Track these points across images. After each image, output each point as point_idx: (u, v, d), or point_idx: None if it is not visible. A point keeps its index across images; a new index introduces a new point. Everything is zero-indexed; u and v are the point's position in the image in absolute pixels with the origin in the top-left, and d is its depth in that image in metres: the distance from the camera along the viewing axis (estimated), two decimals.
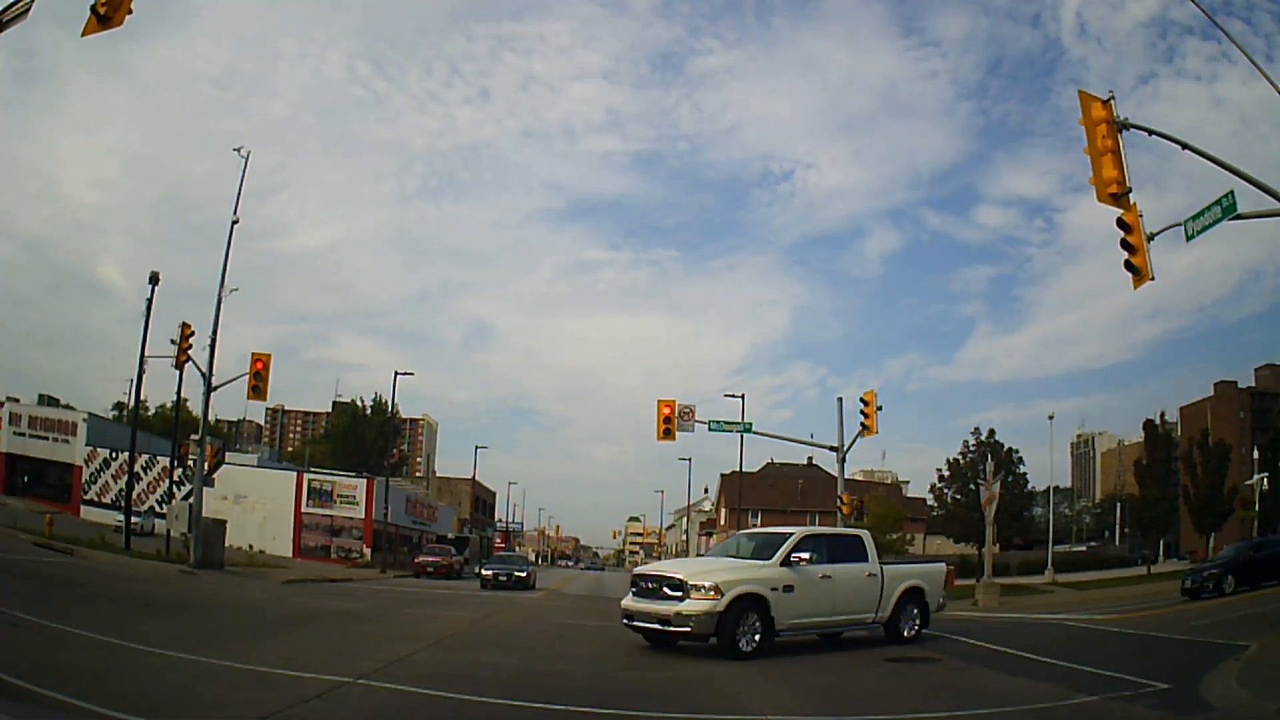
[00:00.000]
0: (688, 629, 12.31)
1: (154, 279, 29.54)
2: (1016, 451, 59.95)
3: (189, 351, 27.30)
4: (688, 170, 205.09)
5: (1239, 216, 13.13)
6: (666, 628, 12.54)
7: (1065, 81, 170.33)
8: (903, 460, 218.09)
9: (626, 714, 8.39)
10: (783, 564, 13.34)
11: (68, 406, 66.01)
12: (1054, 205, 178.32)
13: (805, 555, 13.48)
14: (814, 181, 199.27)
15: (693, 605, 12.30)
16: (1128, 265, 13.73)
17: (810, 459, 75.91)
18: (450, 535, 62.89)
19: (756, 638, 12.56)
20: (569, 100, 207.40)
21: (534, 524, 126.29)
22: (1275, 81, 13.68)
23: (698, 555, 20.71)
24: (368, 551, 51.06)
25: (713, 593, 12.31)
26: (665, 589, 12.82)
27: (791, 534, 14.11)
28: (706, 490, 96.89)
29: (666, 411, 31.56)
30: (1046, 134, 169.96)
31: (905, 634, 15.02)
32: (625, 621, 13.55)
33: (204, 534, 26.47)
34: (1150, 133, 13.74)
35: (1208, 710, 9.42)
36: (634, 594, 13.59)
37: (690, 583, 12.52)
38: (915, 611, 15.33)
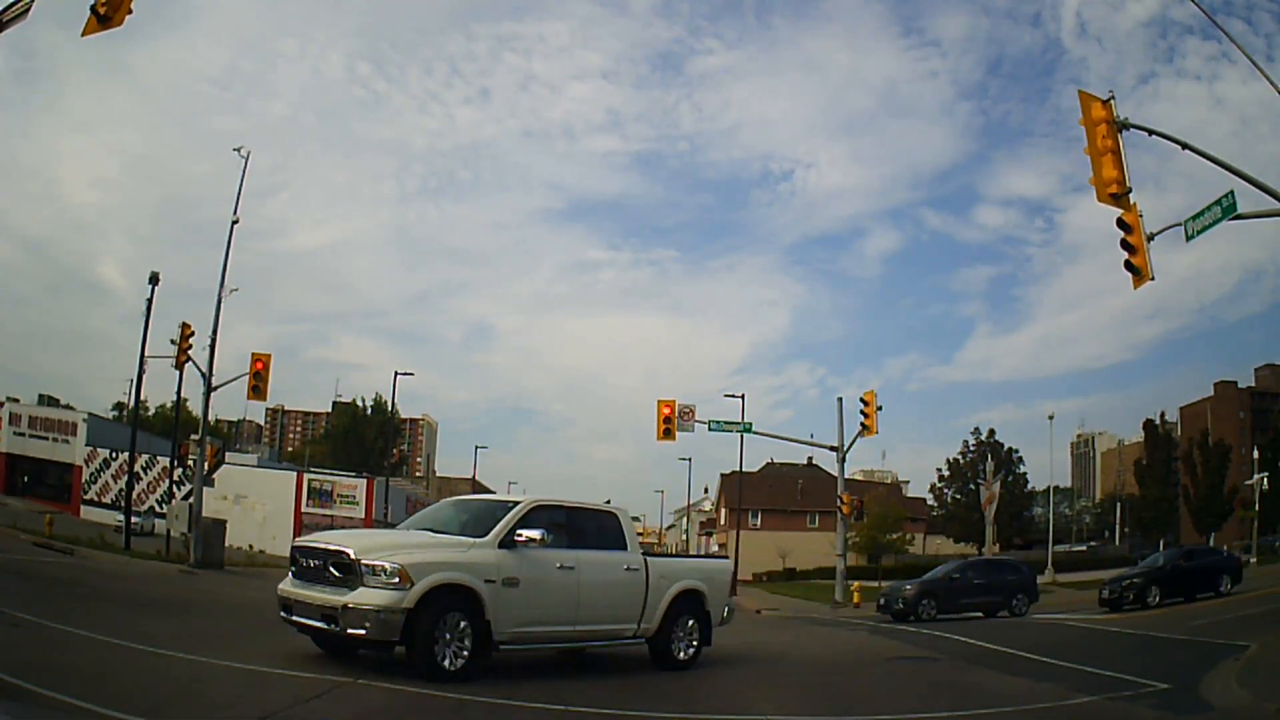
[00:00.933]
0: (362, 631, 8.49)
1: (154, 279, 29.50)
2: (1016, 451, 60.46)
3: (189, 351, 27.28)
4: (688, 170, 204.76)
5: (1239, 216, 13.14)
6: (332, 627, 8.68)
7: (1065, 81, 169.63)
8: (903, 460, 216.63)
9: (626, 714, 8.39)
10: (503, 545, 9.55)
11: (68, 406, 65.96)
12: (1054, 205, 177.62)
13: (536, 534, 9.66)
14: (814, 181, 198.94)
15: (368, 596, 8.51)
16: (1128, 265, 13.73)
17: (810, 459, 75.90)
18: None
19: (465, 650, 8.94)
20: (569, 100, 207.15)
21: None
22: (1275, 81, 13.68)
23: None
24: None
25: (397, 579, 8.55)
26: (331, 569, 8.94)
27: (517, 503, 10.29)
28: (706, 490, 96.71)
29: (666, 411, 31.59)
30: (1046, 134, 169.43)
31: (679, 656, 11.26)
32: (283, 615, 9.39)
33: (204, 534, 26.46)
34: (1150, 133, 13.74)
35: (1208, 710, 9.43)
36: (293, 575, 9.57)
37: (364, 562, 8.67)
38: (692, 625, 11.50)
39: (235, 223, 29.16)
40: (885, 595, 26.09)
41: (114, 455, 48.95)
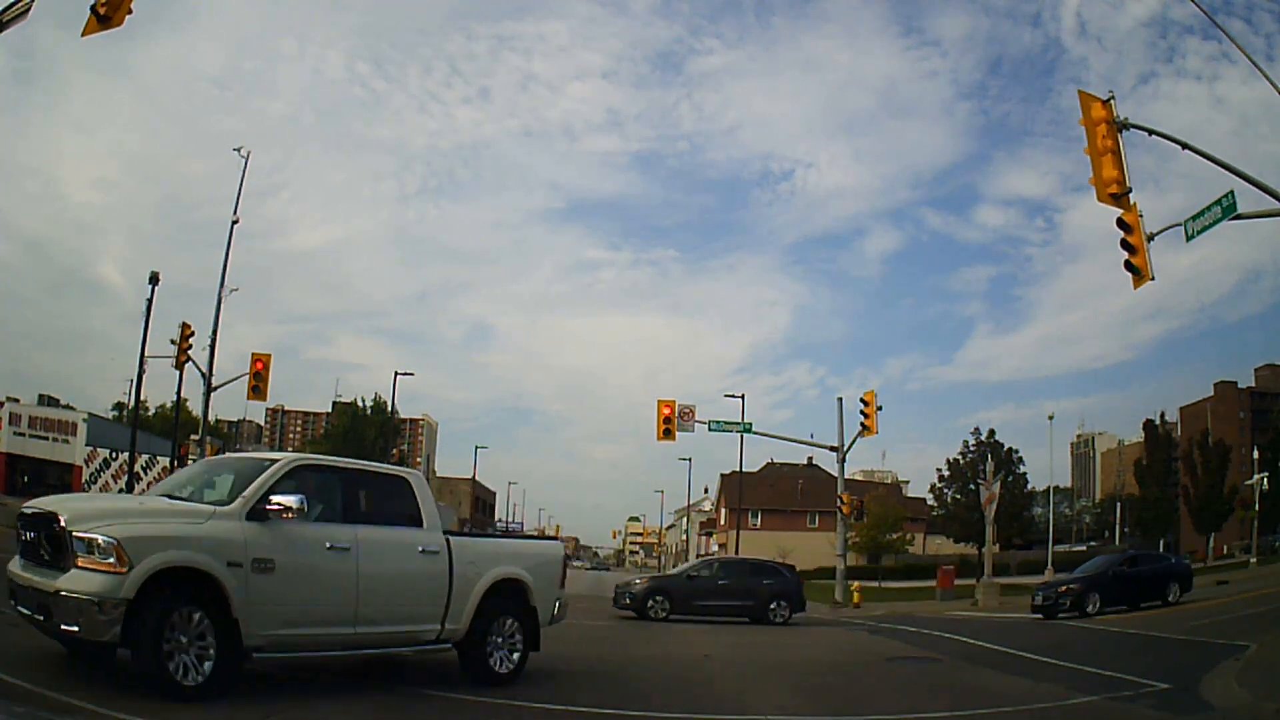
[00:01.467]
0: (75, 629, 6.47)
1: (154, 279, 29.55)
2: (1016, 451, 60.07)
3: (189, 351, 27.37)
4: (688, 170, 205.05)
5: (1239, 216, 13.17)
6: (47, 621, 6.67)
7: (1065, 81, 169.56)
8: (903, 460, 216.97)
9: (626, 714, 8.39)
10: (253, 516, 7.36)
11: (68, 406, 65.96)
12: (1054, 205, 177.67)
13: (292, 502, 7.36)
14: (814, 181, 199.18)
15: (79, 581, 6.48)
16: (1128, 265, 13.75)
17: (810, 459, 75.87)
18: None
19: (209, 657, 6.82)
20: (569, 100, 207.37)
21: (534, 524, 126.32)
22: (1275, 81, 13.70)
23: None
24: None
25: (113, 558, 6.51)
26: (44, 543, 6.94)
27: (275, 461, 7.96)
28: (706, 490, 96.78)
29: (666, 411, 31.60)
30: (1046, 134, 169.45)
31: (498, 667, 8.99)
32: (13, 605, 7.27)
33: None
34: (1150, 133, 13.76)
35: (1208, 710, 9.43)
36: (19, 552, 7.42)
37: (76, 533, 6.62)
38: (513, 627, 9.21)
39: (235, 223, 29.35)
40: (618, 589, 24.29)
41: (114, 455, 49.00)
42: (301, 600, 7.51)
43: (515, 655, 9.23)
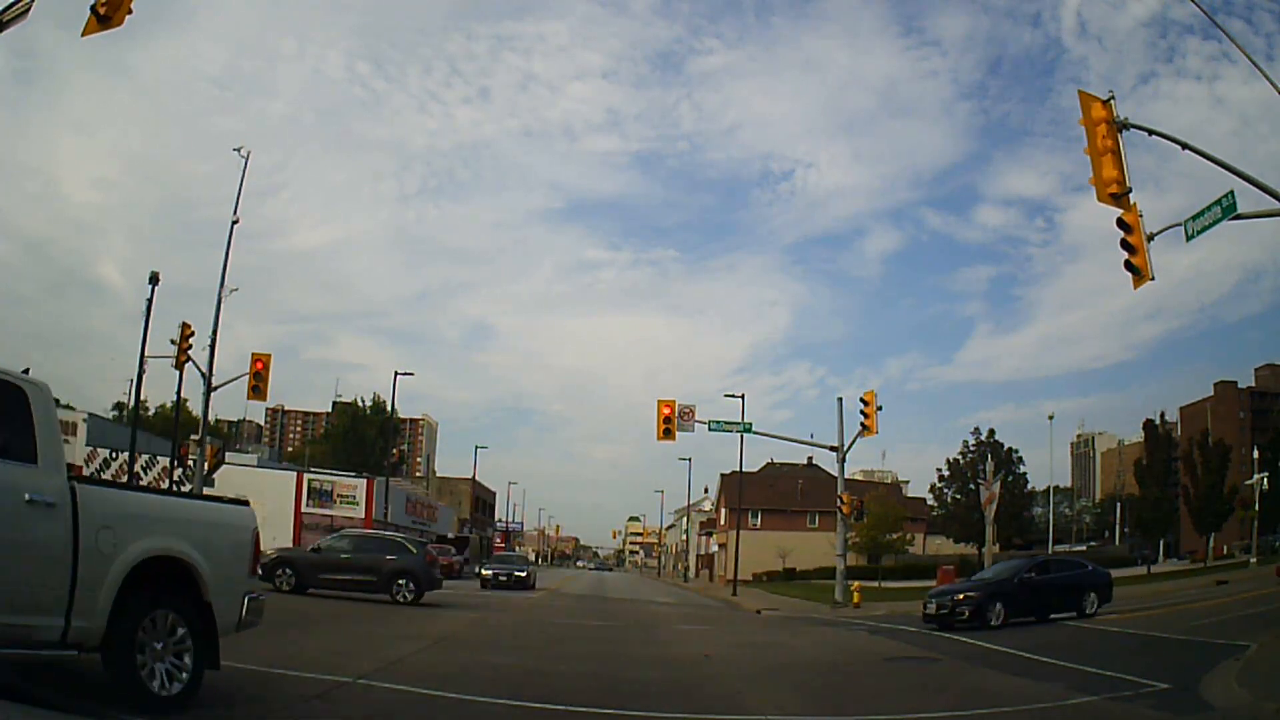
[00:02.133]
0: None
1: (154, 279, 29.52)
2: (1016, 451, 60.22)
3: (189, 351, 27.36)
4: (688, 170, 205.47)
5: (1239, 216, 13.17)
6: None
7: (1065, 81, 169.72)
8: (903, 460, 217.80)
9: (626, 714, 8.38)
10: None
11: (68, 406, 65.82)
12: (1054, 205, 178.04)
13: None
14: (814, 181, 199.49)
15: None
16: (1128, 265, 13.75)
17: (810, 459, 75.79)
18: (450, 535, 62.90)
19: None
20: (569, 100, 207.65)
21: (534, 524, 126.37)
22: (1275, 81, 13.71)
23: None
24: None
25: None
26: None
27: None
28: (706, 490, 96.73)
29: (666, 411, 31.60)
30: (1047, 134, 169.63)
31: (157, 687, 6.08)
32: None
33: None
34: (1150, 133, 13.76)
35: (1208, 710, 9.43)
36: None
37: None
38: (176, 625, 6.31)
39: (235, 223, 29.32)
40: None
41: (114, 455, 49.00)
42: None
43: (181, 673, 6.32)
